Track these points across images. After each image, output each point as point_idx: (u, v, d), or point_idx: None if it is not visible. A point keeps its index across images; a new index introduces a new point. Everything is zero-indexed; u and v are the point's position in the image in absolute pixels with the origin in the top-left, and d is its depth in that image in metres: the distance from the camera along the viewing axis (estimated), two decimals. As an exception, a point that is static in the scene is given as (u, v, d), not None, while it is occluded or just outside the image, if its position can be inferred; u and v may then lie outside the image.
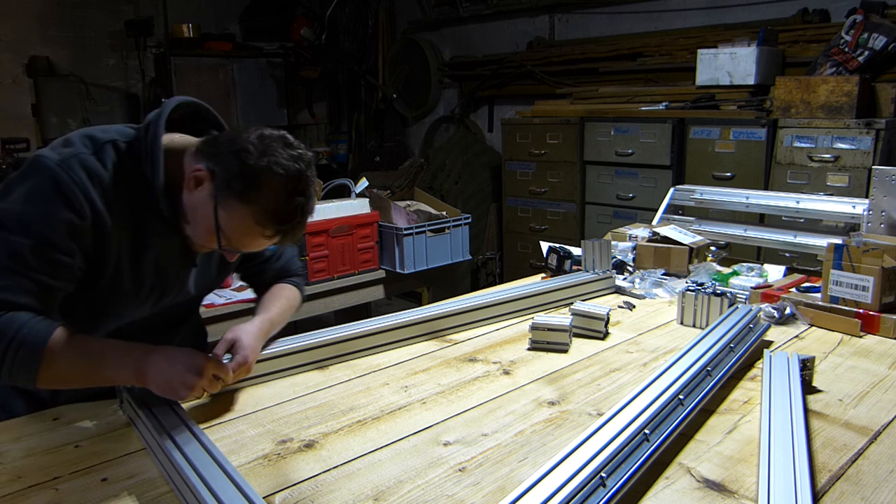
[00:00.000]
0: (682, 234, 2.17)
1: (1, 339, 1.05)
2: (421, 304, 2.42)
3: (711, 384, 1.22)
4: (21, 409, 1.30)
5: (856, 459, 1.05)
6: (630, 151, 3.71)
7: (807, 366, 1.31)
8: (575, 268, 2.07)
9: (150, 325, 1.35)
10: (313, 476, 1.02)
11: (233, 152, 1.13)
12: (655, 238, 2.19)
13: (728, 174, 3.31)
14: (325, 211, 3.01)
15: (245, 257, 1.44)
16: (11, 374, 1.07)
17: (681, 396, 1.13)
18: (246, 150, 1.12)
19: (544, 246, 2.20)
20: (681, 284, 1.92)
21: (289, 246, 1.53)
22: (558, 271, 2.09)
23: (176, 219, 1.21)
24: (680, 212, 2.52)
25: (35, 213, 1.09)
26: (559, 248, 2.13)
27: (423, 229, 3.28)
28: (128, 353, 1.14)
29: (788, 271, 2.07)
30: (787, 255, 2.86)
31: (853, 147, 2.91)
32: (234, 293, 2.68)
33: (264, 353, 1.36)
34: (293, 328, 1.52)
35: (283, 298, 1.47)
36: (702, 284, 1.76)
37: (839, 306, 1.66)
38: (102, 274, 1.19)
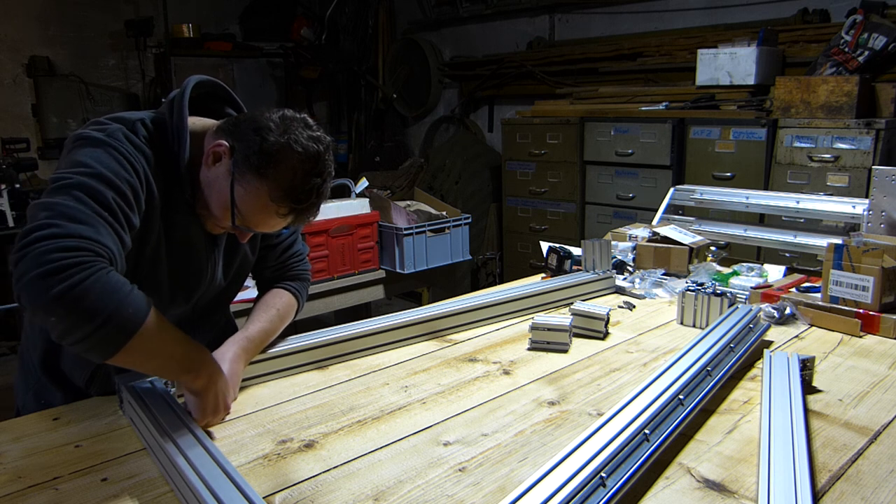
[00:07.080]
0: (682, 234, 2.17)
1: (113, 295, 0.94)
2: (421, 304, 2.42)
3: (711, 384, 1.22)
4: (59, 401, 1.28)
5: (856, 459, 1.05)
6: (630, 151, 3.71)
7: (807, 366, 1.31)
8: (575, 268, 2.07)
9: (186, 321, 1.34)
10: (313, 476, 1.02)
11: (254, 129, 1.14)
12: (655, 238, 2.19)
13: (728, 174, 3.31)
14: (325, 211, 3.00)
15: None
16: (106, 336, 0.94)
17: (681, 396, 1.13)
18: (267, 127, 1.13)
19: (544, 246, 2.20)
20: (681, 284, 1.92)
21: (299, 238, 1.51)
22: (558, 271, 2.09)
23: (194, 198, 1.22)
24: (680, 212, 2.52)
25: (107, 170, 1.06)
26: (559, 248, 2.13)
27: (423, 229, 3.28)
28: (201, 355, 1.12)
29: (788, 271, 2.07)
30: (787, 255, 2.87)
31: (853, 147, 2.91)
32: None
33: (264, 353, 1.36)
34: (293, 328, 1.51)
35: (274, 308, 1.40)
36: (702, 284, 1.76)
37: (839, 306, 1.65)
38: (147, 242, 1.17)
